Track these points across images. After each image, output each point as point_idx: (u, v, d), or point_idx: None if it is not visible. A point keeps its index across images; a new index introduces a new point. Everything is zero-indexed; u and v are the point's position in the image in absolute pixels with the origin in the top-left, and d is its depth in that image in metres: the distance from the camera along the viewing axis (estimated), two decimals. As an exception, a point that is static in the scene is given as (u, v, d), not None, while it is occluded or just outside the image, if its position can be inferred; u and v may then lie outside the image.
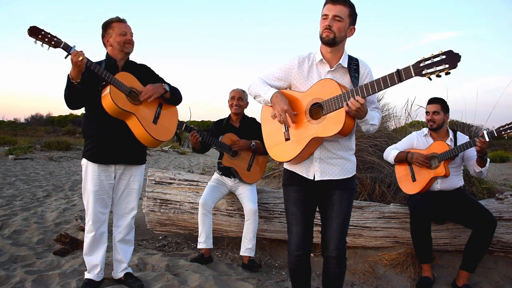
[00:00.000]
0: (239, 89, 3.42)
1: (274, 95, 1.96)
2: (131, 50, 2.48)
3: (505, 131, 2.61)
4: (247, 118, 3.48)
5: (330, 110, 1.83)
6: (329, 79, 1.88)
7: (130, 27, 2.48)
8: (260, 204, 3.36)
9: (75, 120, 33.78)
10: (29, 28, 2.12)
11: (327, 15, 1.85)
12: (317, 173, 1.96)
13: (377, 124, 1.95)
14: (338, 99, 1.80)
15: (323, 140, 1.93)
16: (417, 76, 1.64)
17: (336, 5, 1.83)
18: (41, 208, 4.87)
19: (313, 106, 1.90)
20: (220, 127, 3.44)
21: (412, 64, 1.65)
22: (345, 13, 1.84)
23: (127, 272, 2.59)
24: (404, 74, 1.67)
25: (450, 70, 1.57)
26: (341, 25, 1.85)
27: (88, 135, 2.47)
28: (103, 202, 2.47)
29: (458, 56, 1.56)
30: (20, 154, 11.34)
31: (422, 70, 1.62)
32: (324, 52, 1.96)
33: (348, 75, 1.94)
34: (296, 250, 2.00)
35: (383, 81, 1.71)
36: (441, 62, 1.58)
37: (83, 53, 2.16)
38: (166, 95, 2.51)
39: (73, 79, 2.21)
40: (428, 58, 1.61)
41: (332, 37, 1.86)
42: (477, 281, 2.91)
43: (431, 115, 3.05)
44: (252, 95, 2.11)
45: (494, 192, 3.98)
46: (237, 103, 3.36)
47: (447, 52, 1.58)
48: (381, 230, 3.22)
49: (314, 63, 1.99)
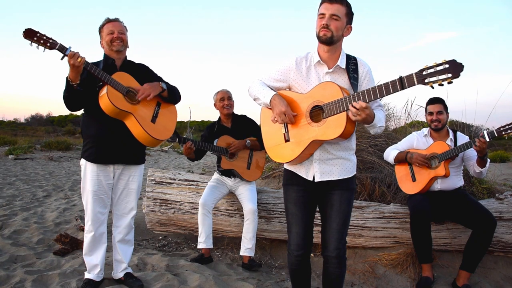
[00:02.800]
0: (224, 89, 3.43)
1: (273, 97, 1.95)
2: (120, 48, 2.44)
3: (505, 131, 2.61)
4: (238, 117, 3.49)
5: (331, 113, 1.83)
6: (331, 82, 1.87)
7: (120, 25, 2.45)
8: (260, 204, 3.36)
9: (75, 120, 33.73)
10: (24, 30, 2.12)
11: (324, 14, 1.84)
12: (317, 174, 1.96)
13: (384, 125, 1.95)
14: (339, 103, 1.80)
15: (323, 142, 1.93)
16: (419, 84, 1.64)
17: (333, 4, 1.83)
18: (41, 208, 4.87)
19: (314, 108, 1.90)
20: (213, 131, 3.43)
21: (415, 72, 1.64)
22: (342, 12, 1.84)
23: (127, 272, 2.59)
24: (407, 81, 1.66)
25: (453, 79, 1.56)
26: (338, 24, 1.85)
27: (86, 135, 2.47)
28: (102, 202, 2.47)
29: (461, 65, 1.55)
30: (20, 154, 11.34)
31: (425, 78, 1.62)
32: (321, 52, 1.95)
33: (346, 76, 1.94)
34: (296, 250, 2.00)
35: (385, 87, 1.71)
36: (444, 71, 1.58)
37: (79, 54, 2.16)
38: (163, 94, 2.51)
39: (72, 81, 2.21)
40: (431, 66, 1.61)
41: (329, 35, 1.85)
42: (477, 281, 2.91)
43: (435, 115, 3.03)
44: (251, 97, 2.10)
45: (494, 192, 3.98)
46: (227, 103, 3.37)
47: (451, 61, 1.57)
48: (381, 230, 3.22)
49: (312, 64, 1.98)
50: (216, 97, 3.42)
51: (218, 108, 3.42)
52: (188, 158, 3.33)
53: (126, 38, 2.47)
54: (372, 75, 2.00)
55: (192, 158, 3.31)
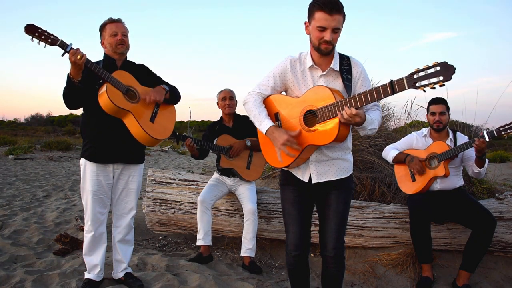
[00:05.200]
0: (227, 89, 3.43)
1: (269, 131, 1.90)
2: (124, 51, 2.45)
3: (505, 131, 2.60)
4: (239, 117, 3.49)
5: (324, 118, 1.81)
6: (322, 86, 1.84)
7: (123, 26, 2.46)
8: (260, 204, 3.36)
9: (75, 120, 33.71)
10: (25, 26, 2.12)
11: (325, 28, 1.77)
12: (314, 175, 1.95)
13: (376, 127, 1.89)
14: (331, 107, 1.77)
15: (318, 147, 1.92)
16: (410, 88, 1.59)
17: (334, 15, 1.74)
18: (41, 208, 4.87)
19: (307, 113, 1.88)
20: (214, 130, 3.44)
21: (406, 76, 1.60)
22: (341, 21, 1.80)
23: (127, 272, 2.59)
24: (398, 86, 1.61)
25: (445, 82, 1.52)
26: (339, 35, 1.83)
27: (86, 135, 2.47)
28: (102, 202, 2.47)
29: (453, 68, 1.50)
30: (20, 154, 11.34)
31: (416, 82, 1.57)
32: (315, 56, 1.92)
33: (340, 78, 1.91)
34: (294, 250, 2.00)
35: (376, 92, 1.67)
36: (435, 74, 1.53)
37: (80, 51, 2.16)
38: (166, 96, 2.51)
39: (74, 77, 2.22)
40: (422, 69, 1.56)
41: (331, 48, 1.83)
42: (477, 281, 2.91)
43: (438, 115, 3.03)
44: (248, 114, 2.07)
45: (494, 192, 3.98)
46: (229, 103, 3.37)
47: (442, 63, 1.52)
48: (381, 230, 3.22)
49: (306, 68, 1.95)
50: (219, 96, 3.43)
51: (220, 107, 3.43)
52: (192, 156, 3.33)
53: (128, 40, 2.48)
54: (367, 74, 1.97)
55: (196, 156, 3.31)
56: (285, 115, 1.98)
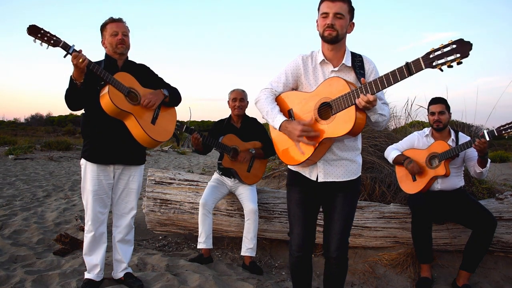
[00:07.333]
0: (239, 89, 3.41)
1: (282, 126, 1.89)
2: (124, 51, 2.45)
3: (506, 130, 2.60)
4: (248, 118, 3.48)
5: (339, 109, 1.78)
6: (336, 77, 1.83)
7: (123, 26, 2.45)
8: (260, 204, 3.36)
9: (75, 120, 33.71)
10: (28, 26, 2.13)
11: (327, 13, 1.82)
12: (321, 174, 1.94)
13: (386, 115, 1.87)
14: (347, 97, 1.75)
15: (333, 142, 1.89)
16: (427, 68, 1.55)
17: (336, 2, 1.81)
18: (41, 208, 4.87)
19: (322, 106, 1.85)
20: (221, 127, 3.43)
21: (422, 56, 1.56)
22: (345, 9, 1.82)
23: (127, 272, 2.59)
24: (414, 66, 1.58)
25: (462, 59, 1.49)
26: (342, 22, 1.83)
27: (86, 135, 2.47)
28: (102, 202, 2.47)
29: (470, 44, 1.46)
30: (20, 154, 11.34)
31: (433, 61, 1.53)
32: (326, 51, 1.93)
33: (353, 72, 1.91)
34: (297, 251, 2.00)
35: (392, 75, 1.64)
36: (452, 52, 1.50)
37: (82, 53, 2.16)
38: (165, 100, 2.51)
39: (76, 80, 2.22)
40: (438, 48, 1.53)
41: (335, 35, 1.84)
42: (477, 281, 2.91)
43: (437, 115, 3.03)
44: (260, 113, 2.06)
45: (494, 192, 3.98)
46: (239, 104, 3.35)
47: (458, 40, 1.49)
48: (381, 230, 3.22)
49: (317, 64, 1.96)
50: (230, 95, 3.41)
51: (230, 106, 3.41)
52: (195, 150, 3.32)
53: (129, 40, 2.47)
54: (378, 71, 1.97)
55: (200, 151, 3.30)
56: (298, 111, 1.95)
